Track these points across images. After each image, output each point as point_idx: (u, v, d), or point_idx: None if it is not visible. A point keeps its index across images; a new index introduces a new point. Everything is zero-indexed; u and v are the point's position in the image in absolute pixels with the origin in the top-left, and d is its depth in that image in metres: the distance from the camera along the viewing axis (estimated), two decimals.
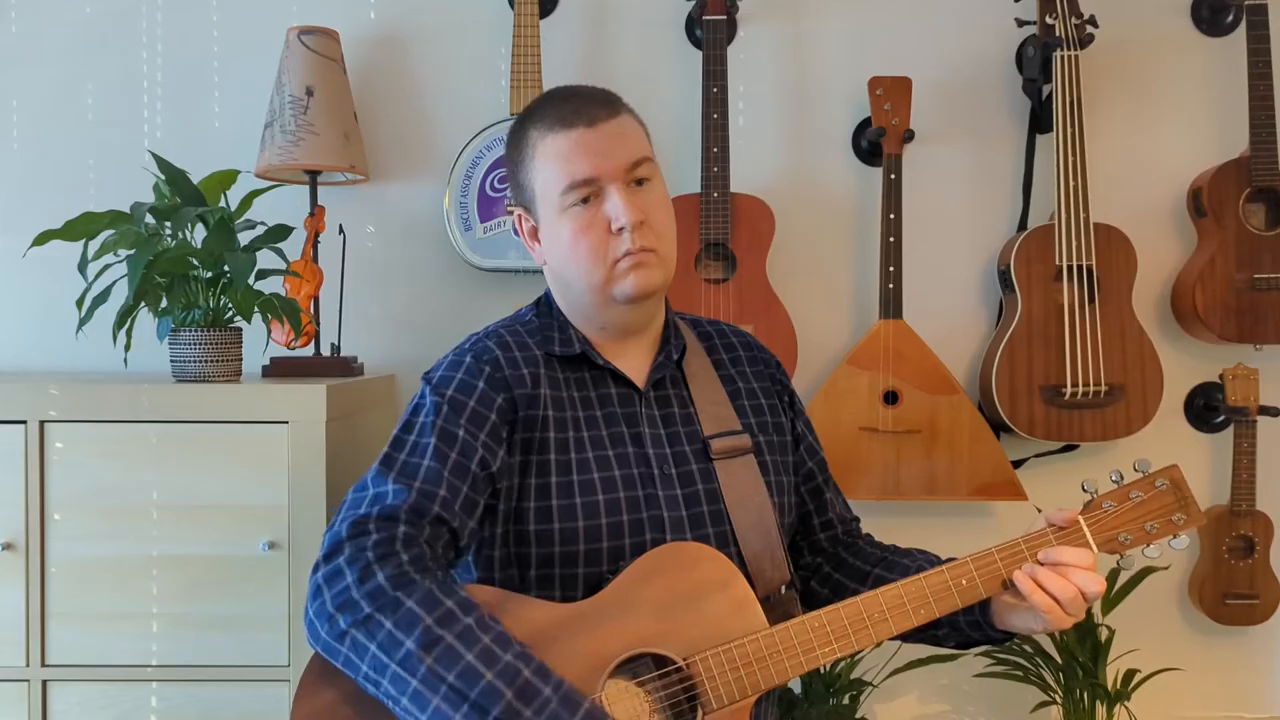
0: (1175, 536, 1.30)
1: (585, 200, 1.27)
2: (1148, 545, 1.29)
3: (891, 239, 2.25)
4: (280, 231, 1.90)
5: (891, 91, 2.26)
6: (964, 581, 1.25)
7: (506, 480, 1.26)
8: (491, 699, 1.06)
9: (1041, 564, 1.24)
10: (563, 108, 1.28)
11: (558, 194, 1.27)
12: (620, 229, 1.26)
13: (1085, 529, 1.28)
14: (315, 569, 1.15)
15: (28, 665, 1.73)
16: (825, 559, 1.46)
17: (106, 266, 1.78)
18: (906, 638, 1.30)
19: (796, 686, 2.18)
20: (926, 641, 1.37)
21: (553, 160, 1.27)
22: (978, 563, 1.26)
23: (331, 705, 1.17)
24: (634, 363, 1.36)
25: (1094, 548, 1.27)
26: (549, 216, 1.30)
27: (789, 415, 1.45)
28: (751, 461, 1.35)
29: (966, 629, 1.32)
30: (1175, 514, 1.30)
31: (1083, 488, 1.32)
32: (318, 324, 2.16)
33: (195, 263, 1.80)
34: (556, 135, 1.27)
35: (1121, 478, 1.32)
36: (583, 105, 1.28)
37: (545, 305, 1.39)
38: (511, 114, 2.25)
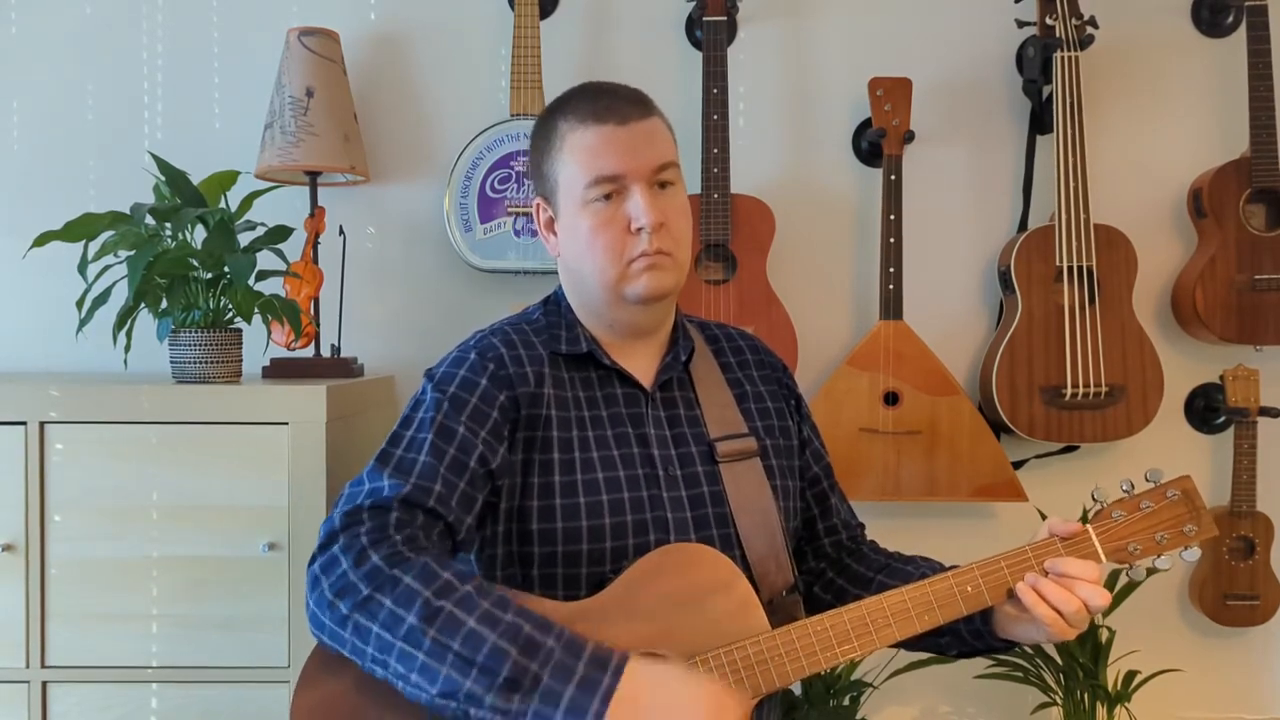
0: (1186, 548, 1.28)
1: (608, 196, 1.26)
2: (1158, 556, 1.28)
3: (892, 240, 2.25)
4: (280, 232, 1.90)
5: (892, 92, 2.26)
6: (969, 589, 1.25)
7: (508, 478, 1.26)
8: (498, 660, 1.07)
9: (1047, 574, 1.24)
10: (596, 103, 1.28)
11: (581, 187, 1.27)
12: (640, 229, 1.26)
13: (1094, 538, 1.27)
14: (312, 561, 1.16)
15: (27, 666, 1.73)
16: (829, 564, 1.46)
17: (106, 267, 1.78)
18: (909, 645, 1.30)
19: (797, 688, 2.18)
20: (929, 649, 1.36)
21: (580, 153, 1.27)
22: (983, 570, 1.25)
23: (331, 697, 1.17)
24: (641, 363, 1.36)
25: (1103, 557, 1.26)
26: (569, 209, 1.30)
27: (795, 419, 1.45)
28: (757, 464, 1.34)
29: (969, 638, 1.31)
30: (1187, 525, 1.28)
31: (1093, 497, 1.31)
32: (318, 325, 2.16)
33: (195, 264, 1.80)
34: (587, 129, 1.27)
35: (1133, 487, 1.30)
36: (616, 103, 1.28)
37: (554, 304, 1.39)
38: (512, 114, 2.25)
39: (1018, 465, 2.36)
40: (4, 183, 2.35)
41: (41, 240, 1.78)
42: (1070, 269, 2.23)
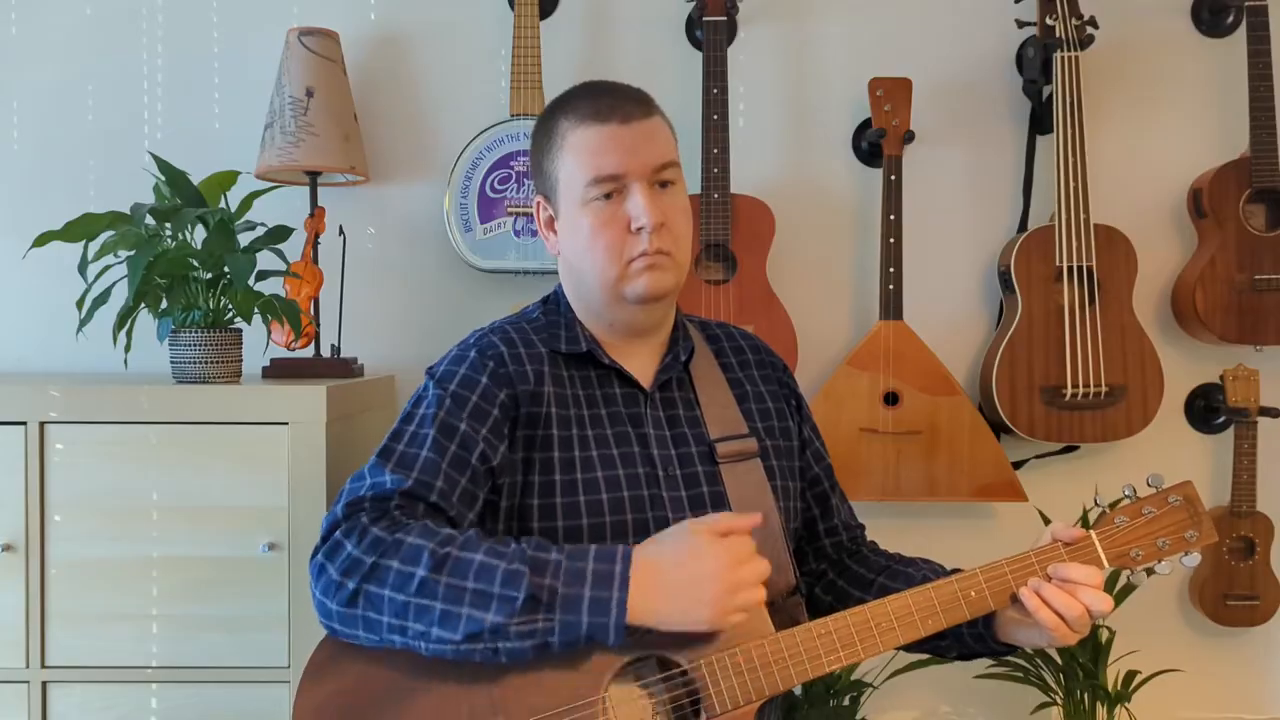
0: (1187, 553, 1.28)
1: (608, 195, 1.26)
2: (1159, 561, 1.28)
3: (892, 240, 2.25)
4: (280, 232, 1.90)
5: (892, 92, 2.26)
6: (973, 593, 1.25)
7: (509, 477, 1.26)
8: (514, 583, 1.09)
9: (1050, 578, 1.24)
10: (598, 102, 1.28)
11: (582, 186, 1.27)
12: (640, 228, 1.26)
13: (1097, 544, 1.27)
14: (314, 553, 1.17)
15: (27, 666, 1.73)
16: (830, 566, 1.46)
17: (107, 268, 1.78)
18: (909, 648, 1.30)
19: (797, 688, 2.18)
20: (928, 651, 1.36)
21: (581, 152, 1.27)
22: (987, 575, 1.25)
23: (333, 696, 1.17)
24: (641, 363, 1.35)
25: (1105, 563, 1.26)
26: (569, 207, 1.30)
27: (796, 420, 1.45)
28: (758, 465, 1.34)
29: (970, 641, 1.31)
30: (1188, 531, 1.28)
31: (1095, 502, 1.32)
32: (318, 325, 2.16)
33: (195, 264, 1.80)
34: (588, 128, 1.27)
35: (1135, 492, 1.30)
36: (618, 102, 1.28)
37: (554, 303, 1.39)
38: (512, 114, 2.25)
39: (1018, 465, 2.36)
40: (4, 183, 2.35)
41: (41, 240, 1.78)
42: (1070, 269, 2.23)
